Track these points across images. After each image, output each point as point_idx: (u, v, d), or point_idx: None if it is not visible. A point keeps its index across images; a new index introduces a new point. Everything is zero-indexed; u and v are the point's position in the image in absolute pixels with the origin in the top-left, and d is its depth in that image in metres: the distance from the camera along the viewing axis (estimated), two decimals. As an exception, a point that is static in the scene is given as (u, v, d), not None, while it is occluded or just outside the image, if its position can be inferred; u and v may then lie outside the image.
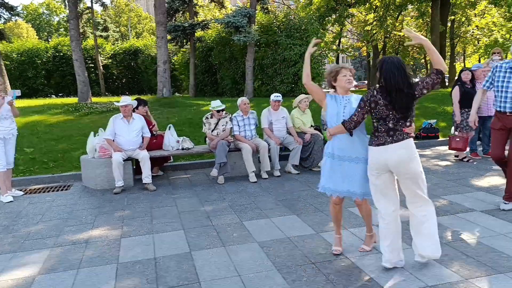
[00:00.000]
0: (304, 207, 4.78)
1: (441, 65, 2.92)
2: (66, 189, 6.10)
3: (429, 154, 7.68)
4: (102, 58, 24.80)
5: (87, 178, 6.20)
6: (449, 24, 24.42)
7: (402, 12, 25.51)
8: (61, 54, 24.52)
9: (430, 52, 2.95)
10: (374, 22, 24.62)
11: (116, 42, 28.62)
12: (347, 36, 36.19)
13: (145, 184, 5.94)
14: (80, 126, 9.33)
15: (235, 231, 4.11)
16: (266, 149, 6.38)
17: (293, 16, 15.96)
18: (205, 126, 6.52)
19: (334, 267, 3.22)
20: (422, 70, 50.52)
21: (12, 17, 21.07)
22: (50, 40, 34.06)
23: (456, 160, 6.93)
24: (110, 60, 25.38)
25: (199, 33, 17.83)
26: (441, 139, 8.64)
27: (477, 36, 30.19)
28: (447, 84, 21.59)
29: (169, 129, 6.63)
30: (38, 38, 42.54)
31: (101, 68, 23.58)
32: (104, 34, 25.37)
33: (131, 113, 6.11)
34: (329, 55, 26.95)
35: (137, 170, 6.48)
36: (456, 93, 6.65)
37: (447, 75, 24.51)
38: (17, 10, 18.56)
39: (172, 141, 6.50)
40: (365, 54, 35.71)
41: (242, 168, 6.63)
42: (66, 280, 3.23)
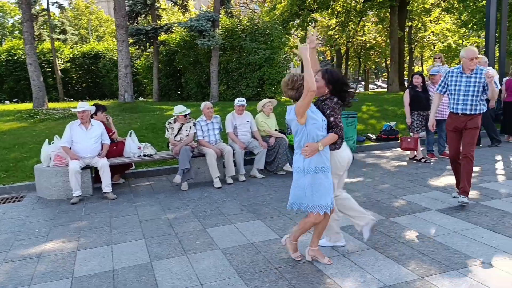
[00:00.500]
0: (269, 212, 4.78)
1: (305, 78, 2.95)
2: (19, 201, 5.79)
3: (389, 156, 7.91)
4: (60, 62, 23.89)
5: (42, 188, 5.92)
6: (407, 30, 25.37)
7: (363, 18, 26.26)
8: (15, 58, 23.41)
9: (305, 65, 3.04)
10: (337, 27, 25.21)
11: (75, 46, 27.66)
12: (311, 41, 36.74)
13: (105, 193, 5.74)
14: (35, 134, 8.92)
15: (198, 239, 4.04)
16: (231, 154, 6.34)
17: (258, 21, 16.04)
18: (168, 131, 6.41)
19: (297, 271, 3.23)
20: (384, 74, 52.19)
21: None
22: (4, 43, 32.50)
23: (416, 161, 7.17)
24: (69, 64, 24.50)
25: (163, 37, 17.56)
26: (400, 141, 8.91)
27: (433, 42, 31.56)
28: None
29: (130, 135, 6.46)
30: (-9, 41, 40.48)
31: (59, 72, 22.71)
32: (62, 37, 24.40)
33: (89, 119, 5.90)
34: (294, 59, 27.31)
35: (97, 179, 6.25)
36: (407, 96, 6.99)
37: (406, 79, 25.42)
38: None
39: (134, 148, 6.33)
40: (329, 58, 36.47)
41: (206, 174, 6.56)
42: (16, 298, 3.05)
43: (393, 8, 18.75)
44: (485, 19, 9.88)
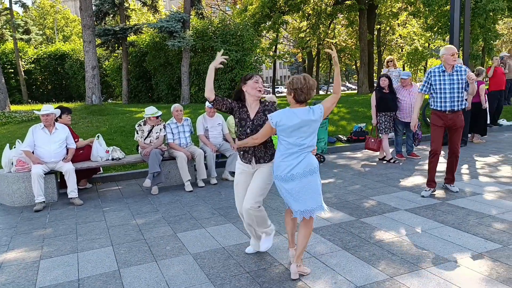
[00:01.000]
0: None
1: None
2: (-22, 208, 5.50)
3: (360, 157, 8.03)
4: (24, 63, 23.00)
5: (2, 195, 5.64)
6: (376, 33, 25.97)
7: (334, 21, 26.68)
8: (-25, 59, 22.40)
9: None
10: (308, 30, 25.49)
11: (40, 46, 26.69)
12: (283, 43, 37.11)
13: (71, 199, 5.54)
14: (-3, 137, 8.53)
15: (168, 244, 3.95)
16: (202, 157, 6.26)
17: (229, 22, 15.99)
18: (138, 134, 6.25)
19: (268, 275, 3.20)
20: (354, 76, 53.23)
21: None
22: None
23: (386, 162, 7.32)
24: (33, 65, 23.61)
25: (132, 38, 17.21)
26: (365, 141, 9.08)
27: (401, 44, 32.46)
28: (375, 89, 22.83)
29: (98, 139, 6.27)
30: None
31: (23, 74, 21.84)
32: (26, 37, 23.49)
33: (54, 123, 5.68)
34: (266, 61, 27.40)
35: (62, 184, 6.03)
36: (373, 98, 7.13)
37: (375, 80, 26.01)
38: None
39: (101, 151, 6.15)
40: (301, 60, 36.83)
41: (177, 177, 6.45)
42: (-28, 313, 2.87)
43: (362, 12, 19.15)
44: (449, 23, 10.23)
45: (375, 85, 7.48)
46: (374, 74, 25.40)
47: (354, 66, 37.19)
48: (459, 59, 7.86)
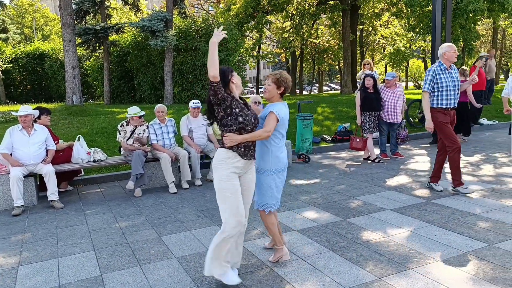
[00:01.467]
0: (226, 216, 4.66)
1: (209, 74, 2.79)
2: (-47, 213, 5.29)
3: (345, 157, 8.06)
4: (1, 63, 22.37)
5: (-21, 199, 5.44)
6: (359, 33, 26.23)
7: (317, 21, 26.83)
8: (-50, 58, 21.67)
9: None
10: (291, 30, 25.56)
11: (18, 45, 26.01)
12: (267, 43, 37.13)
13: (51, 202, 5.38)
14: (-27, 139, 8.23)
15: (153, 248, 3.86)
16: (186, 158, 6.17)
17: (212, 22, 15.87)
18: (120, 135, 6.11)
19: (256, 278, 3.14)
20: (337, 76, 53.66)
21: None
22: None
23: (370, 162, 7.35)
24: (11, 65, 22.97)
25: (113, 37, 16.91)
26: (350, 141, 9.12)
27: (383, 45, 32.87)
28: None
29: (79, 140, 6.11)
30: None
31: (0, 74, 21.25)
32: (3, 36, 22.86)
33: (32, 124, 5.50)
34: (250, 61, 27.37)
35: (42, 187, 5.85)
36: (358, 98, 7.16)
37: (358, 81, 26.23)
38: None
39: (82, 153, 5.99)
40: (284, 61, 36.92)
41: (161, 179, 6.34)
42: None
43: (345, 12, 19.30)
44: (432, 24, 10.36)
45: (359, 85, 7.49)
46: (357, 74, 25.62)
47: (337, 66, 37.49)
48: None
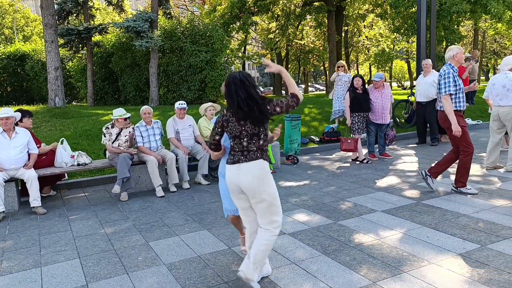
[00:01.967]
0: (215, 220, 4.57)
1: (296, 91, 2.85)
2: None
3: (333, 157, 8.04)
4: (-19, 64, 21.76)
5: (-43, 206, 5.21)
6: (343, 34, 26.38)
7: (302, 22, 26.87)
8: None
9: (286, 79, 2.94)
10: (277, 31, 25.54)
11: (-2, 46, 25.36)
12: (252, 44, 37.07)
13: (33, 208, 5.19)
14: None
15: (140, 254, 3.74)
16: (174, 160, 6.05)
17: (198, 23, 15.72)
18: (105, 137, 5.96)
19: (248, 284, 3.05)
20: (322, 77, 53.95)
21: None
22: None
23: (359, 162, 7.34)
24: (-9, 66, 22.38)
25: (97, 38, 16.60)
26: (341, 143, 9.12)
27: (367, 46, 33.16)
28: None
29: (62, 143, 5.93)
30: None
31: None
32: (-17, 37, 22.23)
33: (14, 127, 5.31)
34: (235, 62, 27.23)
35: (24, 192, 5.66)
36: (347, 99, 7.12)
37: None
38: None
39: (65, 157, 5.82)
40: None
41: (148, 182, 6.20)
42: None
43: (331, 13, 19.36)
44: (416, 25, 10.44)
45: (349, 86, 7.47)
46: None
47: (322, 67, 37.68)
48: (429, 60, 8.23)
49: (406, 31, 15.10)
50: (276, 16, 23.83)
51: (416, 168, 6.60)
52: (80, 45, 15.93)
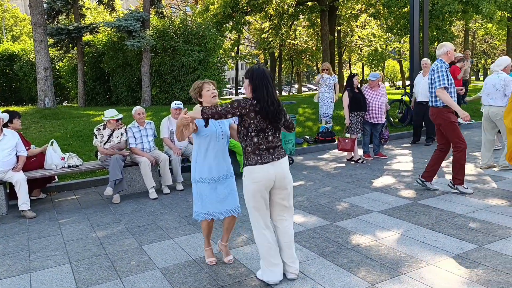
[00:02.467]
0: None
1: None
2: None
3: (328, 158, 8.00)
4: (-31, 64, 21.40)
5: None
6: (336, 34, 26.41)
7: (295, 22, 26.87)
8: None
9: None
10: (270, 30, 25.51)
11: (-14, 46, 24.95)
12: (245, 44, 36.99)
13: (22, 212, 5.07)
14: None
15: (133, 258, 3.65)
16: (167, 161, 5.95)
17: (190, 22, 15.61)
18: (97, 139, 5.84)
19: (244, 289, 2.99)
20: (315, 77, 54.08)
21: None
22: None
23: (354, 162, 7.31)
24: (-21, 67, 22.02)
25: (88, 37, 16.42)
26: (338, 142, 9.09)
27: (360, 46, 33.26)
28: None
29: (52, 145, 5.80)
30: None
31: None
32: (-29, 37, 21.87)
33: (1, 128, 5.18)
34: (228, 62, 27.15)
35: (12, 195, 5.53)
36: (346, 98, 7.06)
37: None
38: None
39: (56, 159, 5.69)
40: (263, 61, 36.87)
41: (141, 184, 6.10)
42: None
43: (324, 13, 19.36)
44: (409, 25, 10.44)
45: (345, 85, 7.40)
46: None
47: (315, 67, 37.70)
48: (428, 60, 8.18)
49: (399, 31, 15.15)
50: (269, 16, 23.80)
51: (411, 168, 6.58)
52: (70, 45, 15.75)
